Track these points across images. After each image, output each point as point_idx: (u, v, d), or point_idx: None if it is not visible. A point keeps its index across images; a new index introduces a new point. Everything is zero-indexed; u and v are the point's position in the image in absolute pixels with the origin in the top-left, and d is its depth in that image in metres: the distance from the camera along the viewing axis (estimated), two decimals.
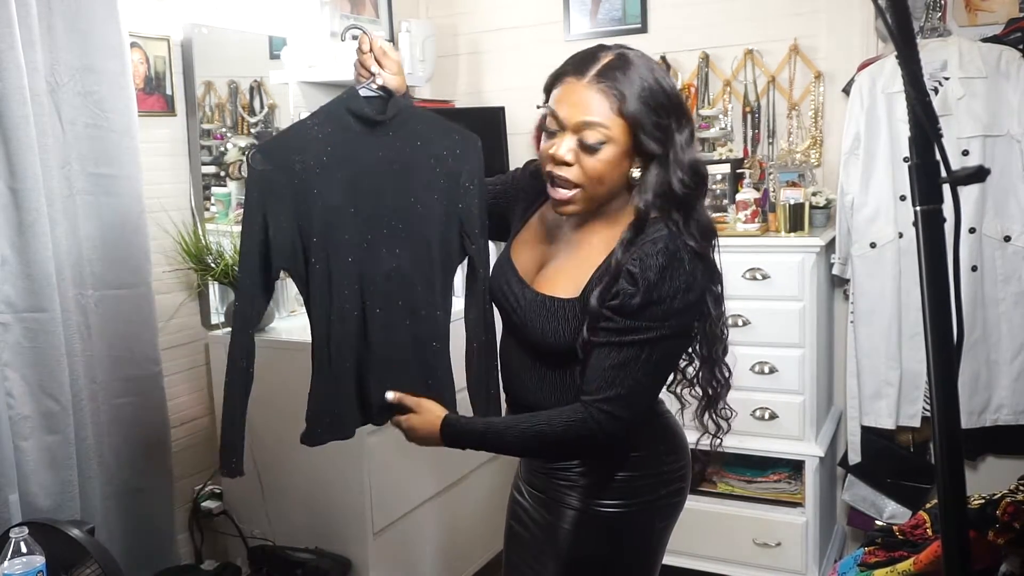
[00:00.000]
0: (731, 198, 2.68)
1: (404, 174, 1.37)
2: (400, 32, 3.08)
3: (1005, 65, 2.45)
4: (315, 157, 1.32)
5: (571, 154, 1.26)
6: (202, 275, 2.37)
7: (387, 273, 1.38)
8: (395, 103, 1.36)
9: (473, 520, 2.65)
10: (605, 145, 1.24)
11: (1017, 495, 1.33)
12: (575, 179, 1.27)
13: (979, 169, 0.78)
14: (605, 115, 1.23)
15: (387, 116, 1.34)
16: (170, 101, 2.38)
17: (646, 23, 3.06)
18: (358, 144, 1.34)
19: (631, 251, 1.25)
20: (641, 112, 1.23)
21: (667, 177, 1.26)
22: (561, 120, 1.26)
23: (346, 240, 1.35)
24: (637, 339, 1.24)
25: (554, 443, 1.29)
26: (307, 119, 1.36)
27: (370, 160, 1.35)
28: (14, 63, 1.81)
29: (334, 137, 1.33)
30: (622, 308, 1.24)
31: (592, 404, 1.26)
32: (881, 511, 2.69)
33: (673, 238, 1.25)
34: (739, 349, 2.52)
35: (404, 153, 1.36)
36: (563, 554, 1.38)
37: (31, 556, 1.58)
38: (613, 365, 1.24)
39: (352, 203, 1.35)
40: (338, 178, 1.33)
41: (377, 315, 1.38)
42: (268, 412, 2.39)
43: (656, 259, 1.22)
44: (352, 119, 1.34)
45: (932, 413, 0.82)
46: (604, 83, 1.24)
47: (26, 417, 1.88)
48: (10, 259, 1.87)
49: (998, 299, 2.53)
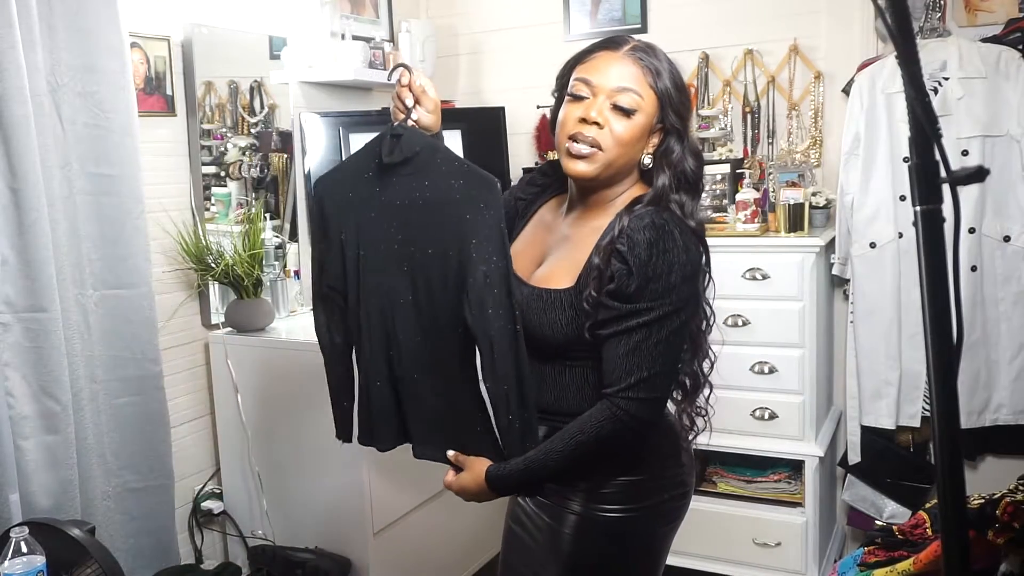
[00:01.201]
0: (731, 198, 2.68)
1: (419, 212, 1.35)
2: (400, 32, 3.08)
3: (1005, 65, 2.45)
4: (351, 189, 1.39)
5: (601, 117, 1.28)
6: (202, 275, 2.37)
7: (404, 311, 1.38)
8: (409, 145, 1.34)
9: (473, 520, 2.65)
10: (636, 114, 1.28)
11: (1017, 495, 1.33)
12: (600, 141, 1.28)
13: (979, 169, 0.78)
14: (640, 84, 1.28)
15: (393, 159, 1.34)
16: (170, 101, 2.39)
17: (646, 23, 3.06)
18: (380, 182, 1.37)
19: (615, 231, 1.26)
20: (670, 90, 1.29)
21: (684, 156, 1.31)
22: (595, 86, 1.29)
23: (366, 270, 1.40)
24: (643, 321, 1.23)
25: (595, 448, 1.29)
26: (353, 154, 1.42)
27: (385, 199, 1.37)
28: (14, 63, 1.81)
29: (364, 172, 1.38)
30: (619, 293, 1.24)
31: (616, 396, 1.26)
32: (881, 511, 2.69)
33: (659, 212, 1.26)
34: (739, 349, 2.55)
35: (415, 194, 1.35)
36: (564, 559, 1.37)
37: (31, 556, 1.58)
38: (626, 352, 1.24)
39: (374, 237, 1.38)
40: (364, 213, 1.38)
41: (400, 347, 1.40)
42: (268, 412, 2.39)
43: (643, 234, 1.23)
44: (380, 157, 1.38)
45: (932, 413, 0.82)
46: (641, 57, 1.29)
47: (26, 417, 1.88)
48: (10, 259, 1.87)
49: (998, 299, 2.53)
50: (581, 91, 1.30)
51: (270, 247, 2.49)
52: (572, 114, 1.30)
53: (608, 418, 1.26)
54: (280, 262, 2.59)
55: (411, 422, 1.44)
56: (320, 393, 2.28)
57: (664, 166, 1.30)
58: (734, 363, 2.55)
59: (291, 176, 2.77)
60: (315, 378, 2.29)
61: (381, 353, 1.42)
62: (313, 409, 2.31)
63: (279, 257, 2.58)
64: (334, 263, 1.42)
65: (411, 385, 1.41)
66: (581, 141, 1.29)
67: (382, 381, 1.43)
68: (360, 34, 2.95)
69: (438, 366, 1.38)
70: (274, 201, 2.71)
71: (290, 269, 2.69)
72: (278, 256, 2.57)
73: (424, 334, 1.38)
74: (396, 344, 1.40)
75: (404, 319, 1.38)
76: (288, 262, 2.68)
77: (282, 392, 2.36)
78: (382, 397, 1.43)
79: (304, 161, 2.79)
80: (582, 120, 1.28)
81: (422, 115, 1.38)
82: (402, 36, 3.07)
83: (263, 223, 2.44)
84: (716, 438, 2.56)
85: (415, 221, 1.35)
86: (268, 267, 2.47)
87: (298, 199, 2.79)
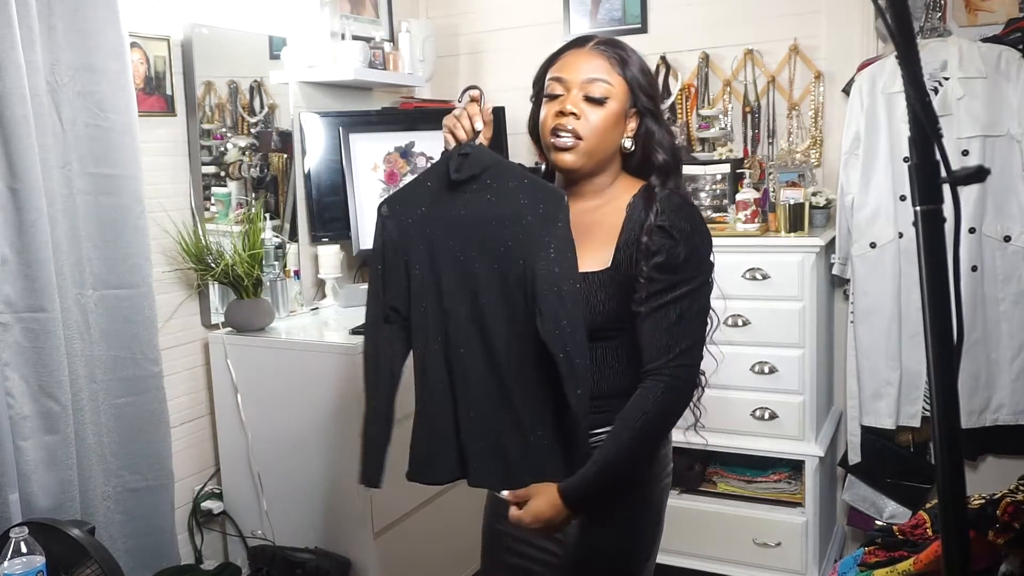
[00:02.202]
0: (731, 198, 2.68)
1: (488, 227, 1.38)
2: (400, 32, 3.08)
3: (1005, 65, 2.45)
4: (421, 207, 1.41)
5: (577, 108, 1.36)
6: (202, 275, 2.37)
7: (469, 328, 1.39)
8: (478, 162, 1.38)
9: (473, 520, 2.64)
10: (608, 101, 1.36)
11: (1017, 495, 1.32)
12: (579, 130, 1.36)
13: (979, 169, 0.78)
14: (608, 73, 1.37)
15: (461, 175, 1.38)
16: (170, 101, 2.39)
17: (646, 23, 3.06)
18: (448, 198, 1.40)
19: (652, 210, 1.34)
20: (637, 75, 1.39)
21: (664, 134, 1.40)
22: (567, 81, 1.37)
23: (434, 289, 1.41)
24: (685, 291, 1.31)
25: (661, 423, 1.34)
26: (421, 173, 1.46)
27: (453, 214, 1.39)
28: (14, 63, 1.81)
29: (433, 190, 1.41)
30: (668, 265, 1.31)
31: (667, 367, 1.31)
32: (881, 511, 2.69)
33: (677, 191, 1.39)
34: (739, 349, 2.55)
35: (483, 209, 1.38)
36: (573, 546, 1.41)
37: (31, 556, 1.58)
38: (670, 324, 1.31)
39: (441, 252, 1.40)
40: (432, 229, 1.41)
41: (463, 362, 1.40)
42: (268, 412, 2.39)
43: (681, 211, 1.34)
44: (447, 175, 1.40)
45: (932, 413, 0.82)
46: (605, 49, 1.39)
47: (26, 417, 1.88)
48: (10, 259, 1.86)
49: (998, 299, 2.53)
50: (556, 90, 1.38)
51: (270, 247, 2.49)
52: (550, 111, 1.38)
53: (666, 388, 1.31)
54: (280, 262, 2.59)
55: (470, 450, 1.40)
56: (320, 393, 2.30)
57: (654, 146, 1.40)
58: (734, 363, 2.55)
59: (291, 176, 2.77)
60: (315, 378, 2.30)
61: (442, 375, 1.40)
62: (313, 409, 2.31)
63: (279, 257, 2.58)
64: (398, 284, 1.42)
65: (473, 407, 1.39)
66: (562, 133, 1.36)
67: (444, 406, 1.40)
68: (360, 34, 2.94)
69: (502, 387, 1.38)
70: (274, 201, 2.71)
71: (290, 269, 2.69)
72: (278, 256, 2.57)
73: (489, 354, 1.38)
74: (460, 364, 1.39)
75: (468, 335, 1.39)
76: (288, 262, 2.68)
77: (282, 392, 2.36)
78: (444, 422, 1.41)
79: (304, 161, 2.79)
80: (560, 113, 1.36)
81: (484, 135, 1.43)
82: (402, 36, 3.07)
83: (263, 223, 2.44)
84: (716, 438, 2.60)
85: (484, 236, 1.37)
86: (268, 267, 2.47)
87: (298, 199, 2.79)
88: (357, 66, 2.78)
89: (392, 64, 2.99)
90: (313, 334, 2.46)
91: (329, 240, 2.83)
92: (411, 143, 2.93)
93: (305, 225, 2.83)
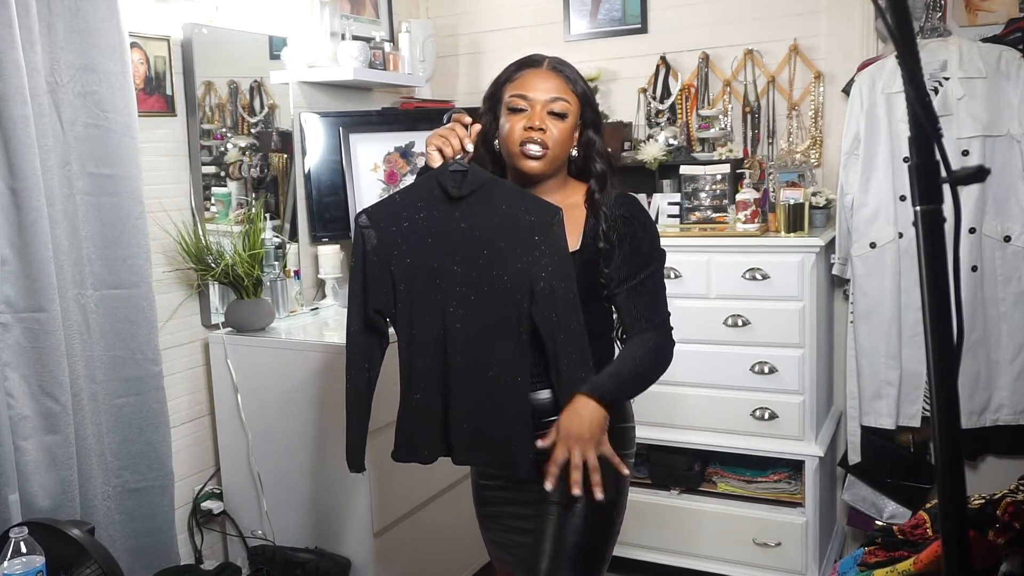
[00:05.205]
0: (731, 198, 2.68)
1: (481, 240, 1.51)
2: (400, 32, 3.08)
3: (1005, 65, 2.45)
4: (407, 220, 1.53)
5: (544, 123, 1.53)
6: (202, 275, 2.37)
7: (461, 329, 1.51)
8: (475, 179, 1.51)
9: (473, 520, 2.65)
10: (567, 116, 1.55)
11: (1017, 495, 1.32)
12: (547, 141, 1.53)
13: (979, 169, 0.78)
14: (566, 92, 1.55)
15: (462, 192, 1.50)
16: (170, 101, 2.38)
17: (646, 23, 3.06)
18: (442, 212, 1.52)
19: (611, 204, 1.54)
20: (586, 92, 1.59)
21: (603, 143, 1.60)
22: (531, 99, 1.53)
23: (425, 293, 1.53)
24: (652, 271, 1.53)
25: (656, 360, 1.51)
26: (403, 189, 1.58)
27: (450, 227, 1.51)
28: (14, 63, 1.81)
29: (424, 205, 1.53)
30: (639, 251, 1.52)
31: (648, 327, 1.51)
32: (881, 511, 2.69)
33: (624, 192, 1.61)
34: (739, 349, 2.56)
35: (482, 221, 1.51)
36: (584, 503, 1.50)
37: (31, 556, 1.58)
38: (647, 298, 1.52)
39: (432, 262, 1.52)
40: (422, 240, 1.52)
41: (452, 363, 1.52)
42: (268, 412, 2.39)
43: (636, 204, 1.57)
44: (439, 190, 1.52)
45: (932, 413, 0.82)
46: (562, 69, 1.57)
47: (26, 417, 1.88)
48: (10, 259, 1.87)
49: (998, 299, 2.53)
50: (520, 105, 1.54)
51: (270, 247, 2.49)
52: (517, 124, 1.53)
53: (656, 334, 1.51)
54: (280, 262, 2.59)
55: (454, 431, 1.53)
56: (320, 393, 2.30)
57: (595, 155, 1.59)
58: (734, 363, 2.55)
59: (291, 176, 2.77)
60: (315, 378, 2.30)
61: (433, 366, 1.52)
62: (313, 409, 2.31)
63: (279, 257, 2.58)
64: (381, 289, 1.54)
65: (458, 396, 1.52)
66: (532, 145, 1.52)
67: (432, 393, 1.53)
68: (360, 34, 2.95)
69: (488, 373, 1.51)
70: (274, 201, 2.71)
71: (290, 269, 2.69)
72: (278, 256, 2.57)
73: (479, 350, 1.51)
74: (449, 358, 1.52)
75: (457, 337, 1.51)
76: (288, 262, 2.68)
77: (282, 392, 2.36)
78: (430, 408, 1.53)
79: (304, 161, 2.79)
80: (528, 128, 1.52)
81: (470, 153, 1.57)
82: (402, 36, 3.07)
83: (263, 223, 2.44)
84: (716, 438, 2.60)
85: (483, 244, 1.50)
86: (268, 267, 2.47)
87: (298, 199, 2.79)
88: (357, 66, 2.79)
89: (392, 64, 2.99)
90: (313, 334, 2.46)
91: (329, 240, 2.83)
92: (411, 143, 2.93)
93: (305, 225, 2.83)
